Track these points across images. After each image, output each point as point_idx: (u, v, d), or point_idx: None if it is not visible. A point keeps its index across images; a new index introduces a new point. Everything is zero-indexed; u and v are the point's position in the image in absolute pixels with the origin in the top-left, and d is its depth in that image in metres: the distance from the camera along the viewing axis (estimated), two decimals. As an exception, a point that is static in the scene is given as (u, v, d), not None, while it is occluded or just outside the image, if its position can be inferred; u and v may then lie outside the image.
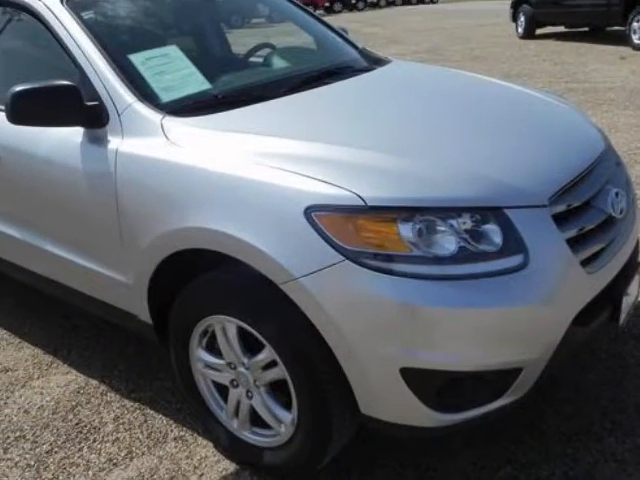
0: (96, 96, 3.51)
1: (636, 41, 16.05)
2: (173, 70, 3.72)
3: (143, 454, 3.63)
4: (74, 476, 3.54)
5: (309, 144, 3.10)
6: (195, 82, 3.73)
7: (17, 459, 3.68)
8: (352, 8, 56.39)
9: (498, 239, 2.72)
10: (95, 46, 3.63)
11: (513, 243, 2.73)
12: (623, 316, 3.20)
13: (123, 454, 3.65)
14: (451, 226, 2.70)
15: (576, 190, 3.04)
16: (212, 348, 3.36)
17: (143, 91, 3.52)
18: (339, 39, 5.16)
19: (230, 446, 3.50)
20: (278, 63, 4.72)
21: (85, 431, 3.85)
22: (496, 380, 2.83)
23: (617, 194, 3.19)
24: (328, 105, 3.75)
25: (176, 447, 3.66)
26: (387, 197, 2.73)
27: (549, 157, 3.18)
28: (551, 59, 16.09)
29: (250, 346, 3.15)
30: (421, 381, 2.74)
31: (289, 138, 3.16)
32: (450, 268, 2.67)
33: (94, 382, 4.29)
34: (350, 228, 2.70)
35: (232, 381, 3.32)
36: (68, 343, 4.79)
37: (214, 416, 3.52)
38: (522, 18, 20.98)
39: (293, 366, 2.96)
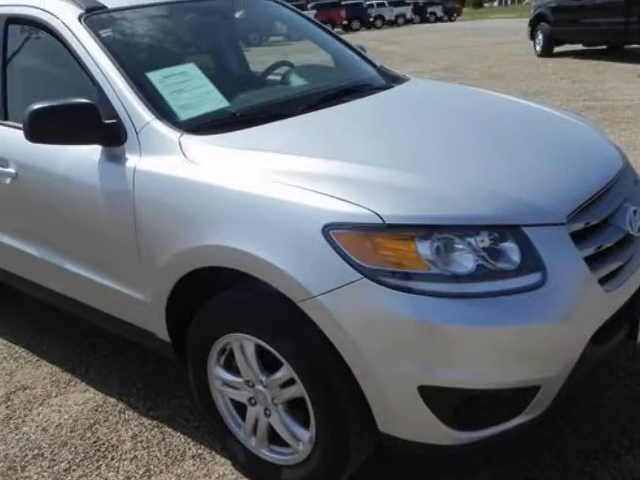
0: (114, 114, 3.52)
1: (654, 59, 16.06)
2: (191, 88, 3.73)
3: (161, 472, 3.63)
4: (92, 494, 3.55)
5: (327, 162, 3.09)
6: (213, 100, 3.74)
7: (35, 477, 3.68)
8: (370, 26, 56.79)
9: (516, 257, 2.71)
10: (113, 64, 3.65)
11: (531, 261, 2.72)
12: (642, 334, 3.18)
13: (141, 472, 3.65)
14: (469, 244, 2.70)
15: (594, 208, 3.03)
16: (230, 366, 3.36)
17: (161, 109, 3.53)
18: (357, 57, 5.17)
19: (248, 464, 3.49)
20: (296, 81, 4.72)
21: (103, 449, 3.85)
22: (514, 398, 2.81)
23: (635, 212, 3.17)
24: (346, 123, 3.74)
25: (194, 465, 3.66)
26: (405, 215, 2.72)
27: (567, 175, 3.17)
28: (569, 77, 16.09)
29: (268, 364, 3.15)
30: (439, 399, 2.73)
31: (307, 156, 3.16)
32: (468, 286, 2.66)
33: (112, 400, 4.29)
34: (368, 246, 2.69)
35: (250, 399, 3.32)
36: (86, 361, 4.80)
37: (232, 434, 3.52)
38: (540, 36, 21.01)
39: (311, 384, 2.95)
